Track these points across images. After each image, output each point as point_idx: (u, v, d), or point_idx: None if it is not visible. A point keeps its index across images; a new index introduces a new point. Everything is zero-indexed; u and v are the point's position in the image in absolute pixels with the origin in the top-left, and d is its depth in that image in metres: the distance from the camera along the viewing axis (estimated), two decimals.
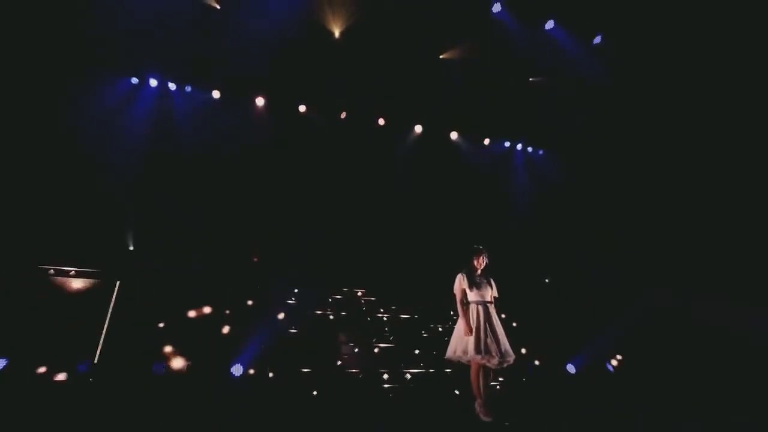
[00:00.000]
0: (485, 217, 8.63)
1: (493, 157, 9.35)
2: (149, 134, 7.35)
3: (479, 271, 5.11)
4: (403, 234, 8.14)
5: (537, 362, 7.73)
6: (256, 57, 7.39)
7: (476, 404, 4.88)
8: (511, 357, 4.82)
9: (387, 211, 8.28)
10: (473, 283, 5.00)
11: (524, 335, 7.77)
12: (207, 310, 6.74)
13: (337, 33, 7.99)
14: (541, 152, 9.59)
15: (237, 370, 6.22)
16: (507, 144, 9.47)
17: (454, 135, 9.18)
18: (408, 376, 7.10)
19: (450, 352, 4.96)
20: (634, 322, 7.48)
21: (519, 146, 9.58)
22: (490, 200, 8.92)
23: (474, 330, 4.77)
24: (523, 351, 7.64)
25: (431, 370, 7.22)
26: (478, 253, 5.12)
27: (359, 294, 7.69)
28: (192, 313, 6.67)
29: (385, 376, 7.00)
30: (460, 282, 5.04)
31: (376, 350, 7.31)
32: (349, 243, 7.97)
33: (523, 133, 9.33)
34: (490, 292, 5.01)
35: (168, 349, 6.24)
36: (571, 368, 7.57)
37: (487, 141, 9.27)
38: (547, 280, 8.75)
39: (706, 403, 5.77)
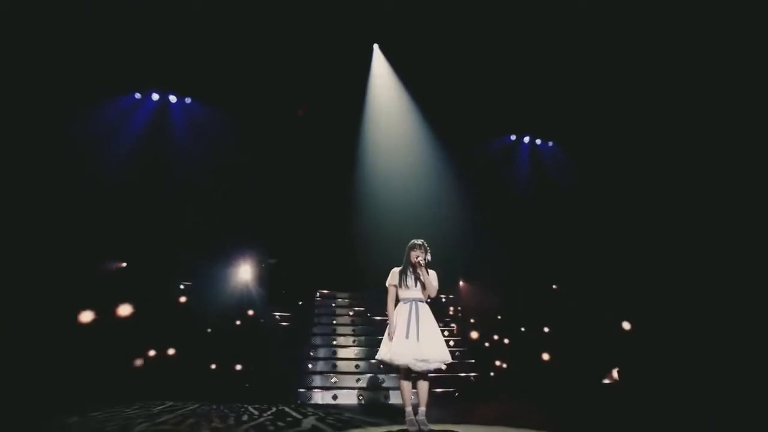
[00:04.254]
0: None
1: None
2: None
3: (416, 267, 4.66)
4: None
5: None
6: None
7: (405, 413, 4.41)
8: (438, 361, 4.29)
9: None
10: (405, 280, 4.58)
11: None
12: None
13: None
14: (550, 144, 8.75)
15: None
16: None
17: None
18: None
19: (378, 353, 4.57)
20: None
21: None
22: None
23: (396, 331, 4.35)
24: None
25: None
26: (414, 248, 4.68)
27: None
28: None
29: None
30: (391, 278, 4.65)
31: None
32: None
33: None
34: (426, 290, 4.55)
35: None
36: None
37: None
38: (554, 287, 7.84)
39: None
